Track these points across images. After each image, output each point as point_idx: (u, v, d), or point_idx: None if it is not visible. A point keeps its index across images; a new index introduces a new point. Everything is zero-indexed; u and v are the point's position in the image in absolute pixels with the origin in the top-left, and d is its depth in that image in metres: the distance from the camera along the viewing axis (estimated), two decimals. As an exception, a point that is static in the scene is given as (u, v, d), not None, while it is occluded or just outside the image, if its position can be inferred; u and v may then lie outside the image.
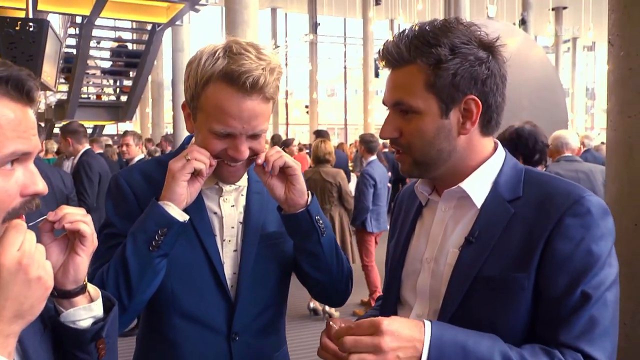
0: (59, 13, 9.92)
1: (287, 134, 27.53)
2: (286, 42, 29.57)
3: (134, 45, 14.25)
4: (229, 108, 1.28)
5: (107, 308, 1.07)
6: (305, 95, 27.77)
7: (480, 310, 1.12)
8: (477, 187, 1.20)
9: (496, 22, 7.93)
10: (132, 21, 12.81)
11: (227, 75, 1.26)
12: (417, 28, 1.18)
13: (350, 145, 16.35)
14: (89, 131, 13.39)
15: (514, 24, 18.39)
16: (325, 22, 28.00)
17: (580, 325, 1.05)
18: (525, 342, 1.08)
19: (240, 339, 1.43)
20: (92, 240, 1.00)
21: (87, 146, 5.16)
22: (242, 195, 1.50)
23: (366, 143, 6.23)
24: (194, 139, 1.46)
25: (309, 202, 1.41)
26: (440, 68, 1.13)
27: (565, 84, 29.67)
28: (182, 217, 1.32)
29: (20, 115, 0.87)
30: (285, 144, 9.97)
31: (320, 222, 1.43)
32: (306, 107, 27.87)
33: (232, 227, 1.46)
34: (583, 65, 34.04)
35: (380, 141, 10.33)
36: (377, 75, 22.17)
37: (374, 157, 6.20)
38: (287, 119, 30.95)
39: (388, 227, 3.74)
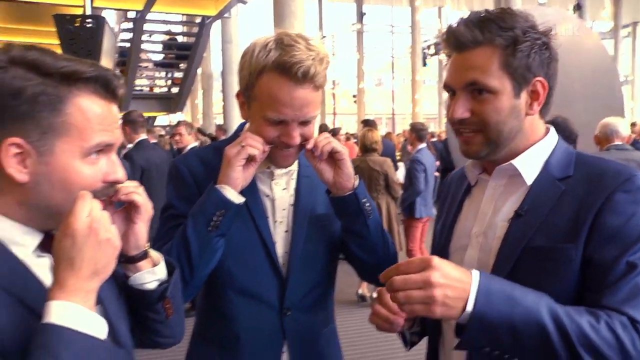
0: (114, 9, 10.25)
1: (334, 124, 27.58)
2: (333, 32, 29.55)
3: (184, 37, 14.53)
4: (282, 97, 1.35)
5: (169, 272, 1.19)
6: (353, 85, 27.75)
7: (527, 281, 1.13)
8: (529, 165, 1.25)
9: (547, 8, 7.74)
10: (182, 14, 13.10)
11: (280, 66, 1.34)
12: (479, 14, 1.22)
13: (398, 135, 16.28)
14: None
15: (568, 9, 17.82)
16: (371, 11, 27.85)
17: (624, 291, 1.07)
18: None
19: (292, 314, 1.52)
20: (146, 209, 1.11)
21: (142, 136, 5.27)
22: (292, 178, 1.58)
23: (417, 131, 6.34)
24: (247, 125, 1.55)
25: (356, 186, 1.48)
26: (515, 49, 1.18)
27: (624, 70, 28.41)
28: (238, 199, 1.41)
29: (106, 110, 0.99)
30: (333, 133, 10.03)
31: (367, 204, 1.50)
32: (354, 96, 27.85)
33: (284, 209, 1.55)
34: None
35: (429, 130, 10.24)
36: (424, 64, 21.97)
37: (423, 145, 6.30)
38: (334, 108, 31.01)
39: (434, 212, 3.76)
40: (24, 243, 0.97)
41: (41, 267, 0.98)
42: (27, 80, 0.91)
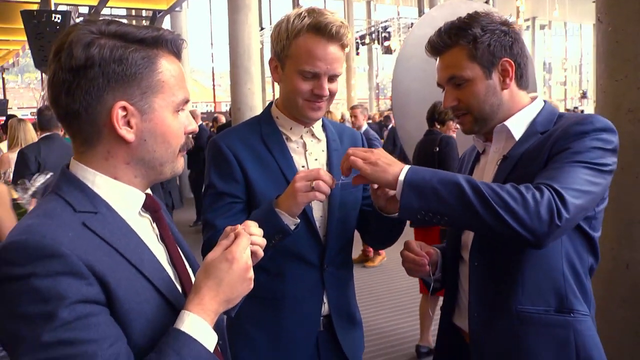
0: (71, 5, 9.79)
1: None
2: (271, 23, 29.14)
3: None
4: (317, 51, 1.48)
5: None
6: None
7: None
8: (517, 124, 1.41)
9: (473, 2, 8.06)
10: (134, 9, 12.64)
11: (316, 26, 1.47)
12: (449, 23, 1.41)
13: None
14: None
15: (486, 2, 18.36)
16: (308, 4, 27.68)
17: (554, 174, 1.23)
18: None
19: (328, 269, 1.61)
20: (261, 256, 1.08)
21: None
22: (322, 151, 1.64)
23: None
24: (275, 102, 1.65)
25: None
26: (477, 42, 1.37)
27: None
28: (294, 223, 1.44)
29: (180, 69, 1.04)
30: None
31: None
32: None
33: None
34: (541, 42, 34.16)
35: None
36: (357, 53, 22.17)
37: None
38: (273, 95, 30.72)
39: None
40: (130, 204, 1.00)
41: (143, 226, 1.02)
42: (125, 47, 0.94)
